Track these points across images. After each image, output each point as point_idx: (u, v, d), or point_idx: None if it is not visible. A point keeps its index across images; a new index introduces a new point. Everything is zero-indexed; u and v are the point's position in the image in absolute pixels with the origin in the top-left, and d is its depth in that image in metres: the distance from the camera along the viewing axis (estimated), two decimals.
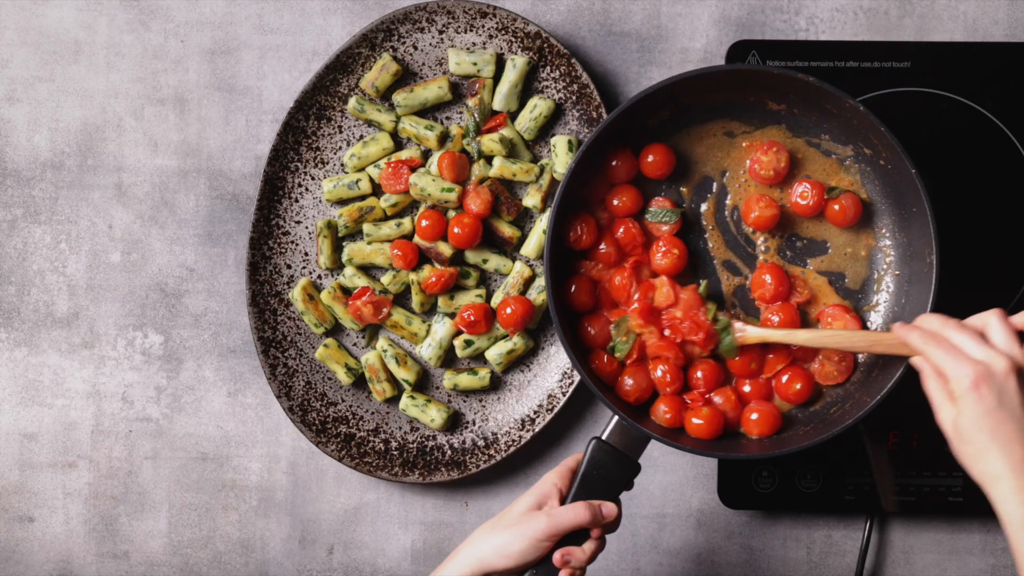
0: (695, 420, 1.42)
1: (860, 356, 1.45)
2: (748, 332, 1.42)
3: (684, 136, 1.47)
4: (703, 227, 1.48)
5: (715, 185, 1.47)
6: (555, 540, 1.31)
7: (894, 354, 1.34)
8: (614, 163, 1.45)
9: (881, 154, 1.42)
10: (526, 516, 1.32)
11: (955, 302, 1.40)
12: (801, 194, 1.45)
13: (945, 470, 1.53)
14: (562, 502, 1.34)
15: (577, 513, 1.32)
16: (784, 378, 1.44)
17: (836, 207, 1.45)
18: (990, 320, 1.25)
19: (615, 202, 1.46)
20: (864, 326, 1.45)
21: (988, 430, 1.20)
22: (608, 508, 1.34)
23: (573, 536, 1.33)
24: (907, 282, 1.43)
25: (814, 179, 1.45)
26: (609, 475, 1.36)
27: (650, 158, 1.45)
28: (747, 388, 1.45)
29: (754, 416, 1.44)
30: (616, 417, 1.38)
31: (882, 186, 1.45)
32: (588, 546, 1.33)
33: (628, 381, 1.43)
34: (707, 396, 1.44)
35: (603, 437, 1.37)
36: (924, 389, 1.26)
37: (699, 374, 1.44)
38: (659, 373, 1.43)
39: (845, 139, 1.45)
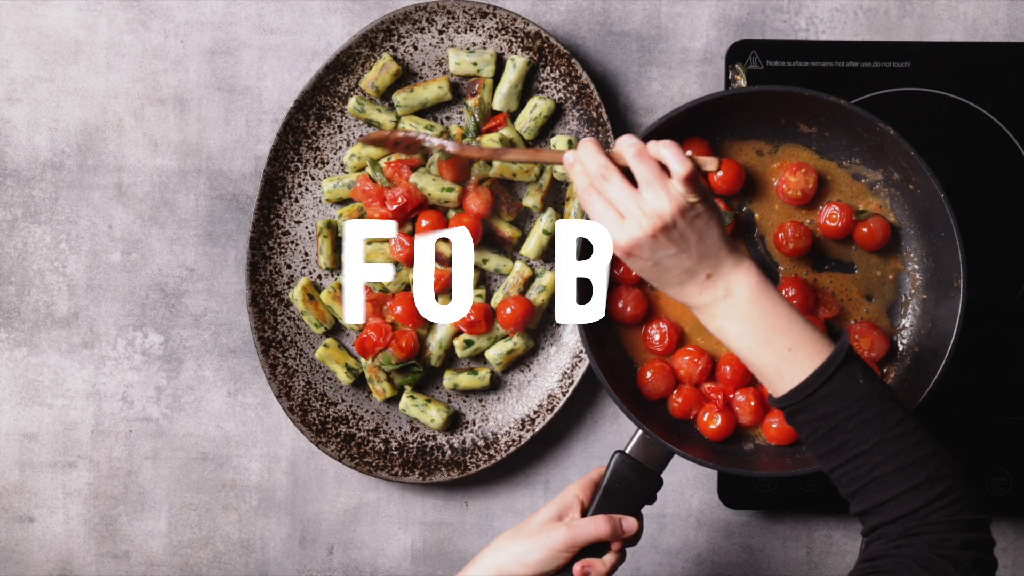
0: (711, 425, 1.42)
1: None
2: (449, 146, 1.42)
3: (721, 152, 1.47)
4: None
5: (744, 206, 1.47)
6: (574, 552, 1.31)
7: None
8: (688, 153, 1.44)
9: (911, 178, 1.41)
10: (546, 526, 1.32)
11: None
12: (830, 216, 1.44)
13: None
14: (584, 514, 1.35)
15: (597, 526, 1.32)
16: None
17: (864, 230, 1.44)
18: (626, 159, 1.25)
19: None
20: (892, 344, 1.45)
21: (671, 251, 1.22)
22: (628, 523, 1.34)
23: (594, 548, 1.33)
24: (934, 306, 1.42)
25: (843, 202, 1.45)
26: (631, 489, 1.36)
27: (720, 173, 1.44)
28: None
29: (774, 425, 1.44)
30: (640, 431, 1.38)
31: (911, 210, 1.44)
32: (608, 559, 1.33)
33: (648, 375, 1.44)
34: (730, 396, 1.44)
35: (626, 451, 1.37)
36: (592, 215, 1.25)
37: (727, 368, 1.44)
38: (686, 359, 1.44)
39: (875, 163, 1.44)
